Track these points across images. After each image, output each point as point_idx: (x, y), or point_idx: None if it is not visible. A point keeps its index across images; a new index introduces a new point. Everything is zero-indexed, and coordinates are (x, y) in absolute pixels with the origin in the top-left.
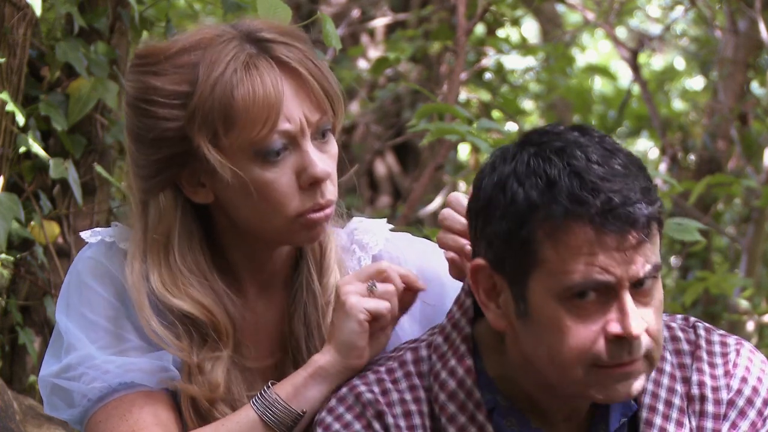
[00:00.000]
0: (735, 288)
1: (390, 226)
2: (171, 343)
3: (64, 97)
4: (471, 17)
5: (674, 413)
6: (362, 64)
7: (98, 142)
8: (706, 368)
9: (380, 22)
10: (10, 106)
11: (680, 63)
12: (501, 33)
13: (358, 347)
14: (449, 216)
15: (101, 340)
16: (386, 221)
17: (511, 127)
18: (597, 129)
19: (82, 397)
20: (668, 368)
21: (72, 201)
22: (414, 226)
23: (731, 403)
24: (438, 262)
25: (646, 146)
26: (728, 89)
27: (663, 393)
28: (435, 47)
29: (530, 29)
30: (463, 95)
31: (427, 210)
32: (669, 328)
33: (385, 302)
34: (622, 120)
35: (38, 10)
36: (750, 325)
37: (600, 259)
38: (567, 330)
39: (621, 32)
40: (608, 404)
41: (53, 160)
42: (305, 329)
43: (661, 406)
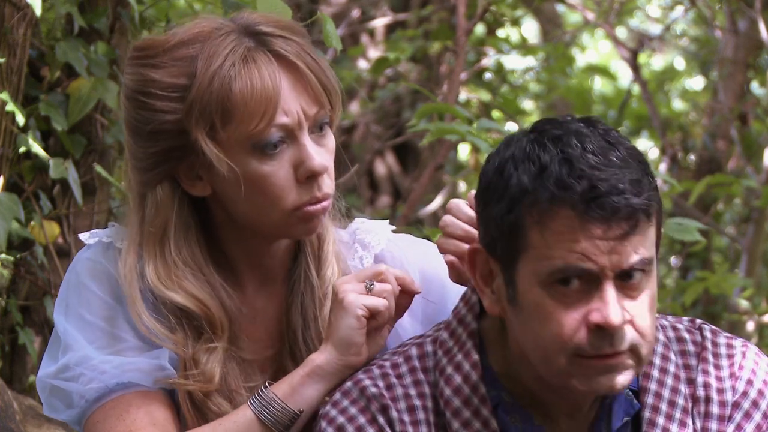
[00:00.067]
0: (735, 288)
1: (392, 227)
2: (163, 336)
3: (64, 97)
4: (471, 17)
5: (677, 413)
6: (362, 64)
7: (98, 142)
8: (712, 370)
9: (380, 22)
10: (10, 106)
11: (680, 63)
12: (501, 33)
13: (356, 344)
14: (451, 223)
15: (98, 341)
16: (386, 221)
17: (511, 127)
18: (606, 123)
19: (80, 398)
20: (672, 368)
21: (72, 201)
22: (414, 226)
23: (736, 405)
24: (439, 264)
25: (646, 146)
26: (728, 89)
27: (666, 393)
28: (435, 47)
29: (530, 29)
30: (463, 95)
31: (427, 210)
32: (675, 329)
33: (383, 300)
34: (622, 120)
35: (38, 10)
36: (750, 325)
37: (583, 246)
38: (550, 317)
39: (621, 32)
40: (611, 403)
41: (53, 160)
42: (302, 320)
43: (664, 406)
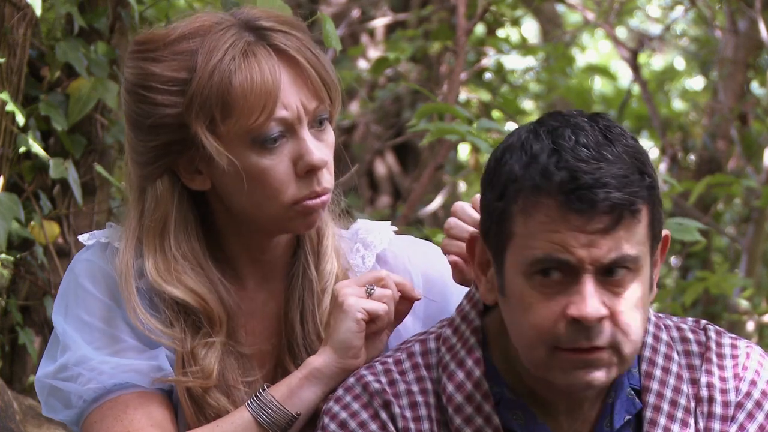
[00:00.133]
0: (735, 288)
1: (394, 229)
2: (159, 332)
3: (64, 97)
4: (471, 17)
5: (679, 413)
6: (362, 64)
7: (98, 142)
8: (716, 370)
9: (380, 22)
10: (10, 106)
11: (680, 63)
12: (501, 33)
13: (355, 347)
14: (455, 225)
15: (97, 342)
16: (388, 222)
17: (511, 127)
18: (611, 120)
19: (78, 398)
20: (675, 368)
21: (72, 201)
22: (414, 226)
23: (739, 406)
24: (442, 264)
25: (646, 146)
26: (728, 89)
27: (668, 393)
28: (435, 47)
29: (530, 29)
30: (463, 95)
31: (427, 210)
32: (679, 329)
33: (383, 304)
34: (622, 120)
35: (38, 10)
36: (750, 325)
37: (562, 237)
38: (530, 307)
39: (621, 32)
40: (613, 402)
41: (53, 160)
42: (300, 315)
43: (666, 406)
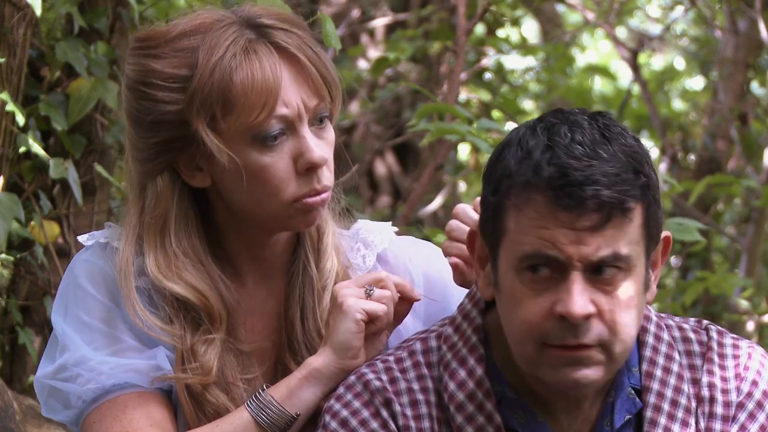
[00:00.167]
0: (735, 288)
1: (395, 229)
2: (158, 329)
3: (64, 97)
4: (471, 17)
5: (680, 413)
6: (362, 64)
7: (98, 142)
8: (717, 370)
9: (380, 22)
10: (10, 106)
11: (680, 63)
12: (501, 33)
13: (354, 347)
14: (456, 227)
15: (96, 342)
16: (388, 223)
17: (511, 127)
18: (613, 119)
19: (77, 399)
20: (676, 368)
21: (72, 201)
22: (414, 226)
23: (741, 406)
24: (442, 265)
25: (647, 146)
26: (728, 89)
27: (669, 393)
28: (435, 47)
29: (530, 29)
30: (463, 95)
31: (427, 210)
32: (681, 330)
33: (382, 305)
34: (622, 120)
35: (38, 10)
36: (750, 325)
37: (551, 234)
38: (520, 303)
39: (621, 32)
40: (614, 401)
41: (53, 160)
42: (300, 312)
43: (667, 406)
